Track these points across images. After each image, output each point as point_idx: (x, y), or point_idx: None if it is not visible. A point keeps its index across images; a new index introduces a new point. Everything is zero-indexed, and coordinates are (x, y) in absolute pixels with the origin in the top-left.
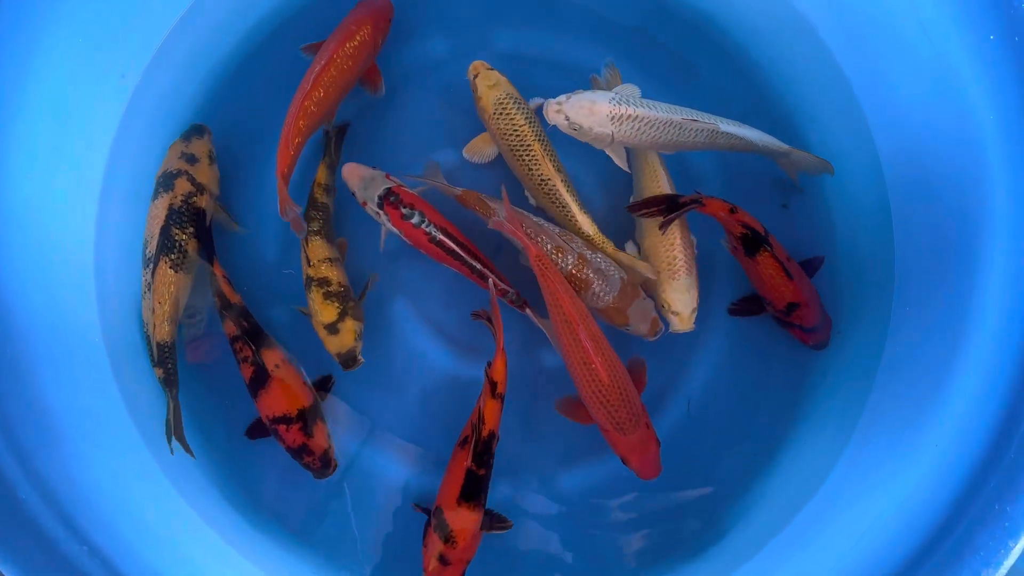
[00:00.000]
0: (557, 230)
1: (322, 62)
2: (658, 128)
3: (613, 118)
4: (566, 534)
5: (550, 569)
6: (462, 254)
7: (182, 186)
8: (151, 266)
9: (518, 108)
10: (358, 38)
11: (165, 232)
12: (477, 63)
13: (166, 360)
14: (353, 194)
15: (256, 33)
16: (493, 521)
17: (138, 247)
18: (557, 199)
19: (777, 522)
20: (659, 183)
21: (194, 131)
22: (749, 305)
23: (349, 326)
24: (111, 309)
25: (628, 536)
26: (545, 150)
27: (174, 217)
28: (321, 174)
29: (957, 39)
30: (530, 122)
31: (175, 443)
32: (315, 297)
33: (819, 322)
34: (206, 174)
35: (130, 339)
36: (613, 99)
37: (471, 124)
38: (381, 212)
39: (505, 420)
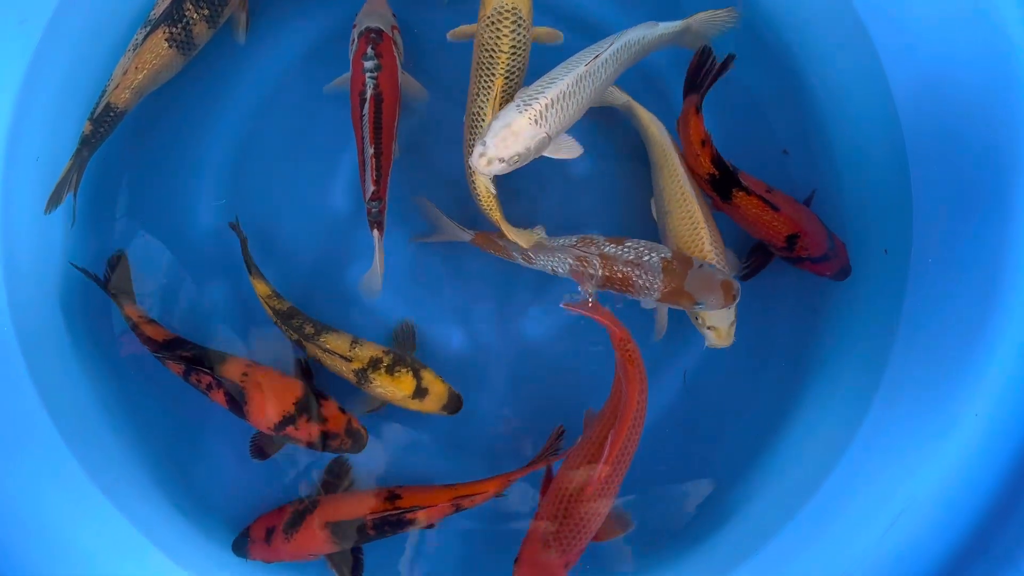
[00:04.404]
0: (574, 240)
1: None
2: (576, 92)
3: (535, 120)
4: None
5: None
6: (366, 127)
7: None
8: (147, 28)
9: (513, 31)
10: None
11: (179, 2)
12: None
13: (104, 123)
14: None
15: None
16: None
17: (51, 222)
18: (470, 142)
19: (788, 505)
20: (679, 182)
21: None
22: (756, 260)
23: (429, 378)
24: (22, 290)
25: None
26: (505, 89)
27: None
28: (260, 286)
29: None
30: (513, 53)
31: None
32: (382, 381)
33: (829, 248)
34: None
35: (47, 323)
36: (520, 105)
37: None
38: (355, 40)
39: (485, 401)
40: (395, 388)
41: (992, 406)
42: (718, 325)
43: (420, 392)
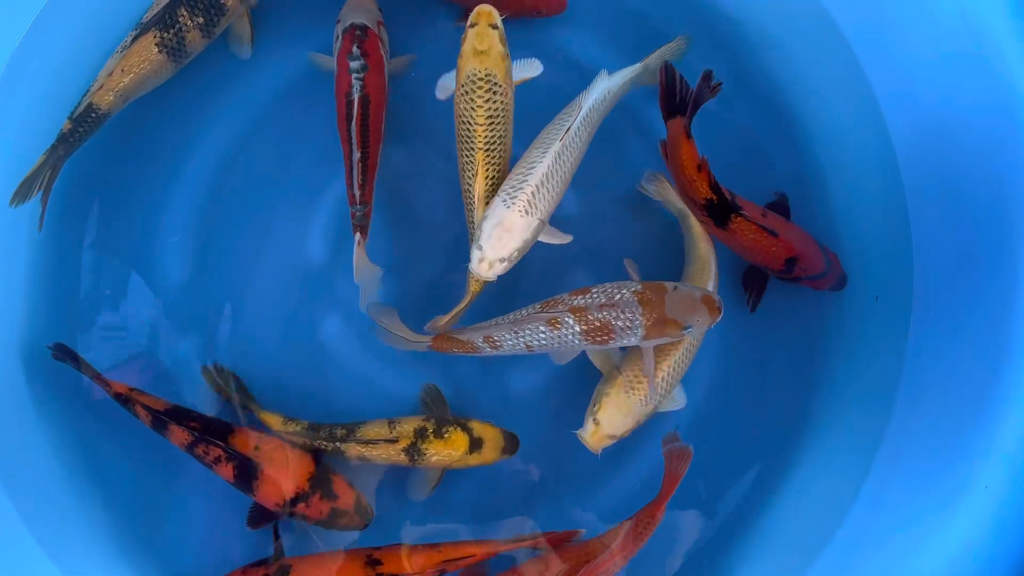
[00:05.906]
0: (537, 306)
1: None
2: (557, 169)
3: (525, 211)
4: None
5: None
6: (353, 130)
7: None
8: (137, 31)
9: (488, 99)
10: None
11: (172, 7)
12: (483, 10)
13: (84, 122)
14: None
15: None
16: None
17: (12, 259)
18: (470, 216)
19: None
20: (707, 267)
21: None
22: (753, 287)
23: (479, 427)
24: None
25: None
26: (487, 161)
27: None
28: (270, 418)
29: None
30: (490, 124)
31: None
32: (436, 448)
33: (826, 264)
34: None
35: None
36: (506, 200)
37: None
38: (340, 37)
39: None
40: (451, 450)
41: (1001, 477)
42: (601, 424)
43: (475, 444)
